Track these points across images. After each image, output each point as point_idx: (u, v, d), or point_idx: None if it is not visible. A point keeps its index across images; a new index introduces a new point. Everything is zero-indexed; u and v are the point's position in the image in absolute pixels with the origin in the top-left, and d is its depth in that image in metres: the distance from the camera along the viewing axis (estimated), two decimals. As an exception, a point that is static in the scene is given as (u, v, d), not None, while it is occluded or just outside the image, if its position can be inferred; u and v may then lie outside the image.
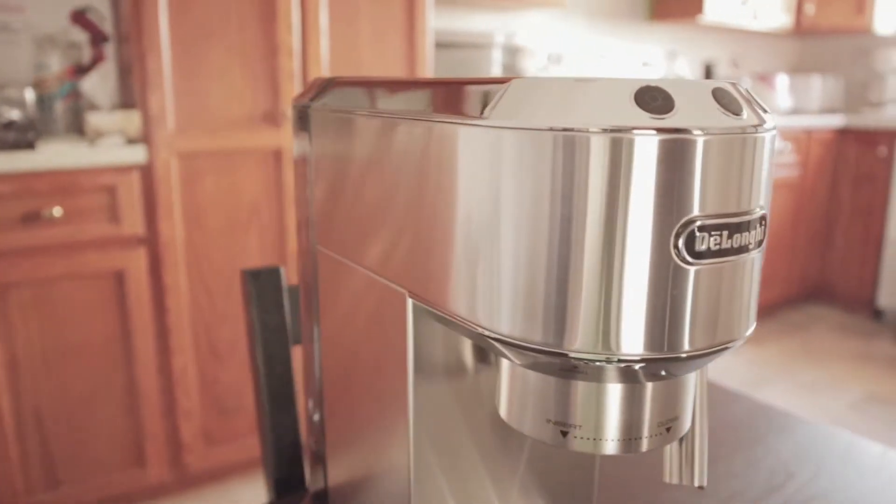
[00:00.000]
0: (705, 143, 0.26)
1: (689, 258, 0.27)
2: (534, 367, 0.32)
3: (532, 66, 2.71)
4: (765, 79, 3.42)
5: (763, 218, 0.29)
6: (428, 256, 0.34)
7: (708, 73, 3.48)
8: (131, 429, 1.68)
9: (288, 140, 1.79)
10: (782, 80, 3.42)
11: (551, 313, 0.29)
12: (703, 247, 0.27)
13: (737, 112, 0.28)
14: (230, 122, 1.71)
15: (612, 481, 0.62)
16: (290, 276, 1.83)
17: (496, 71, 2.57)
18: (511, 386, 0.34)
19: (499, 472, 0.46)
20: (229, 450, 1.83)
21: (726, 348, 0.30)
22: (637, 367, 0.29)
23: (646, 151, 0.26)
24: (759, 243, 0.29)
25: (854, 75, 3.80)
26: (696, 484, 0.35)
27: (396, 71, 1.96)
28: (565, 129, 0.27)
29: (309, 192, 0.44)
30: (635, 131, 0.26)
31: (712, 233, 0.27)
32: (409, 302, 0.35)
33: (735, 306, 0.29)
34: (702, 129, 0.26)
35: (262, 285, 0.61)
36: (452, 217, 0.32)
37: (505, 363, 0.34)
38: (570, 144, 0.27)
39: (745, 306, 0.30)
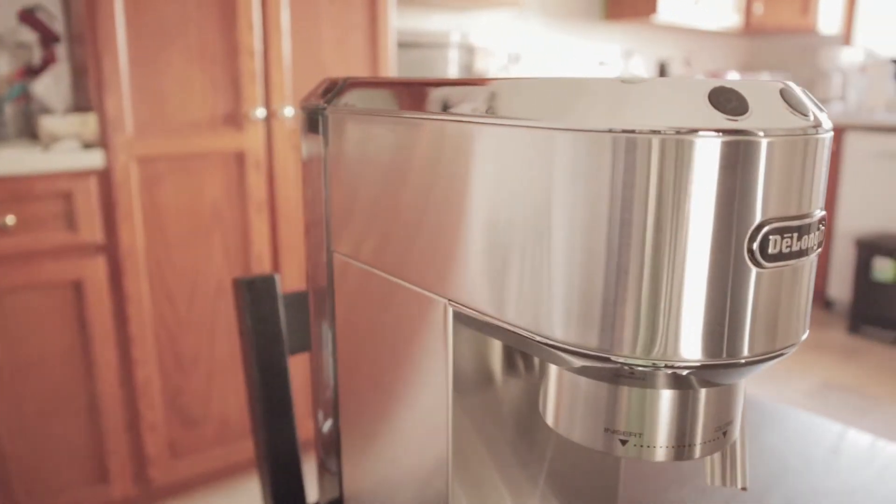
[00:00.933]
0: (781, 144, 0.26)
1: (761, 261, 0.26)
2: (585, 372, 0.31)
3: (492, 66, 2.71)
4: (716, 76, 3.49)
5: (823, 219, 0.29)
6: (473, 264, 0.32)
7: (662, 71, 3.53)
8: (93, 444, 1.62)
9: (250, 142, 1.75)
10: (733, 78, 3.50)
11: (609, 319, 0.28)
12: (776, 249, 0.27)
13: (804, 113, 0.27)
14: (191, 124, 1.66)
15: (633, 486, 0.62)
16: (256, 281, 1.78)
17: (453, 71, 2.56)
18: (561, 394, 0.33)
19: (520, 480, 0.45)
20: (196, 462, 1.77)
21: (783, 354, 0.29)
22: (693, 373, 0.29)
23: (723, 153, 0.25)
24: (819, 245, 0.29)
25: (800, 73, 3.91)
26: (740, 486, 0.35)
27: (359, 71, 1.94)
28: (626, 131, 0.26)
29: (325, 196, 0.42)
30: (713, 133, 0.25)
31: (784, 235, 0.27)
32: (450, 311, 0.33)
33: (794, 310, 0.29)
34: (778, 131, 0.26)
35: (257, 294, 0.58)
36: (501, 223, 0.31)
37: (553, 370, 0.33)
38: (632, 146, 0.26)
39: (803, 310, 0.29)
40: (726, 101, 0.25)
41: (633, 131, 0.26)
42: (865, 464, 0.68)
